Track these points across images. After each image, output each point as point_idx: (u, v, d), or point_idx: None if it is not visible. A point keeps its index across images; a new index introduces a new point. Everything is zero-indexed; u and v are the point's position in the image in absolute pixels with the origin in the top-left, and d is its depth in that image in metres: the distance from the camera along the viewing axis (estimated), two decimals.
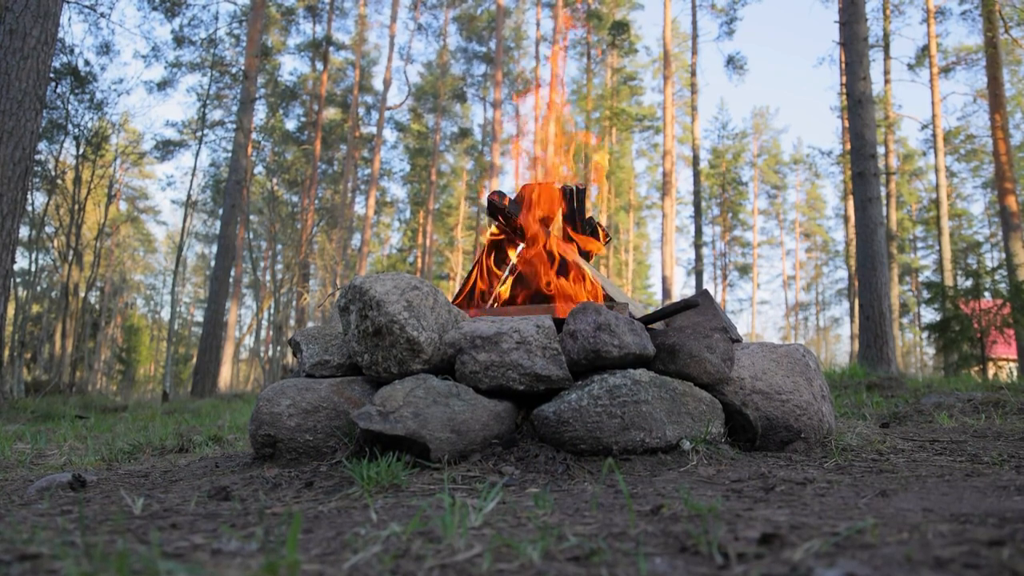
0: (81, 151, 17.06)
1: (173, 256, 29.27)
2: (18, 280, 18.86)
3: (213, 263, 17.51)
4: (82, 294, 19.26)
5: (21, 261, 19.99)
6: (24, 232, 16.37)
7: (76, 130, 16.80)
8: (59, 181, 17.14)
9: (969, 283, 10.85)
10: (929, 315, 26.92)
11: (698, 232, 23.10)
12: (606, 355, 1.98)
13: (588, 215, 3.09)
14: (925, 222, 33.34)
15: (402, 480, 1.61)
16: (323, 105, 26.95)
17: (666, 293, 21.23)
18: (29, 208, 15.60)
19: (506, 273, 3.06)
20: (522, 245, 2.98)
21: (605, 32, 27.36)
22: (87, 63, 17.21)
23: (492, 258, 3.05)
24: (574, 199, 3.01)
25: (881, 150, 23.05)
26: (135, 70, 76.76)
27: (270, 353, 25.80)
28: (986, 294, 10.72)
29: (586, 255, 3.14)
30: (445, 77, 29.44)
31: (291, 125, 27.83)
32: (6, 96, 6.54)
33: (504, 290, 2.99)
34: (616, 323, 2.02)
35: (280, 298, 22.25)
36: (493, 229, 3.08)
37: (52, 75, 10.73)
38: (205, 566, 0.92)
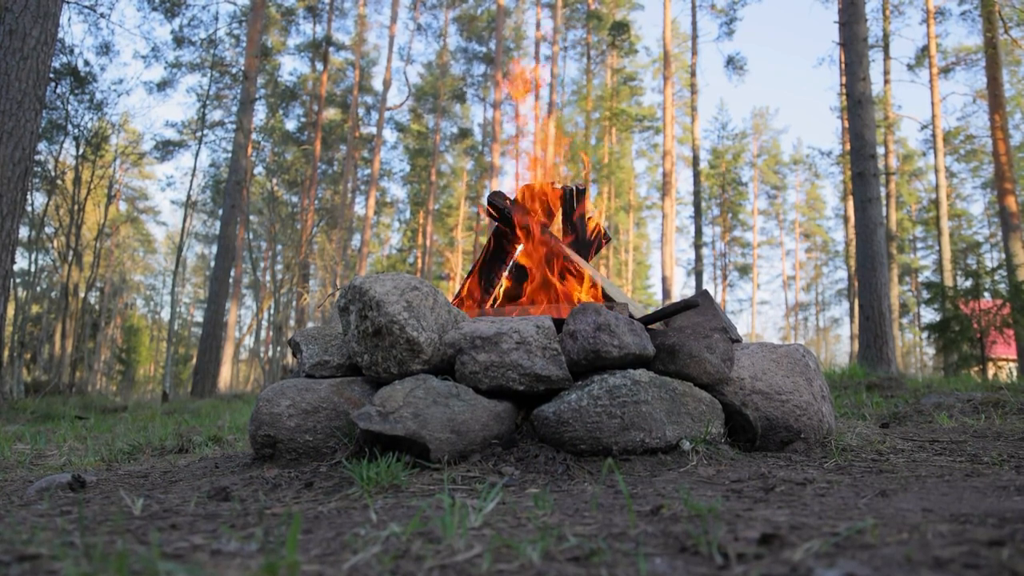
0: (81, 151, 17.06)
1: (173, 256, 29.26)
2: (18, 280, 18.86)
3: (213, 263, 17.51)
4: (82, 294, 19.26)
5: (21, 261, 20.00)
6: (24, 232, 16.37)
7: (76, 130, 16.80)
8: (59, 181, 17.13)
9: (969, 283, 10.86)
10: (929, 315, 26.93)
11: (698, 232, 23.11)
12: (606, 355, 1.98)
13: (588, 215, 3.09)
14: (925, 222, 33.34)
15: (402, 480, 1.61)
16: (323, 105, 26.96)
17: (666, 293, 21.24)
18: (29, 208, 15.60)
19: (506, 273, 3.06)
20: (522, 245, 2.98)
21: (605, 32, 27.37)
22: (87, 63, 17.21)
23: (492, 258, 3.05)
24: (574, 199, 3.01)
25: (881, 150, 23.05)
26: (135, 70, 76.88)
27: (270, 353, 25.80)
28: (986, 294, 10.73)
29: (586, 255, 3.13)
30: (445, 77, 29.44)
31: (291, 125, 27.86)
32: (6, 96, 6.54)
33: (504, 290, 2.99)
34: (616, 323, 2.02)
35: (280, 298, 22.24)
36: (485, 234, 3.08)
37: (52, 75, 10.73)
38: (205, 567, 0.92)
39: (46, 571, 0.91)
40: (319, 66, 27.53)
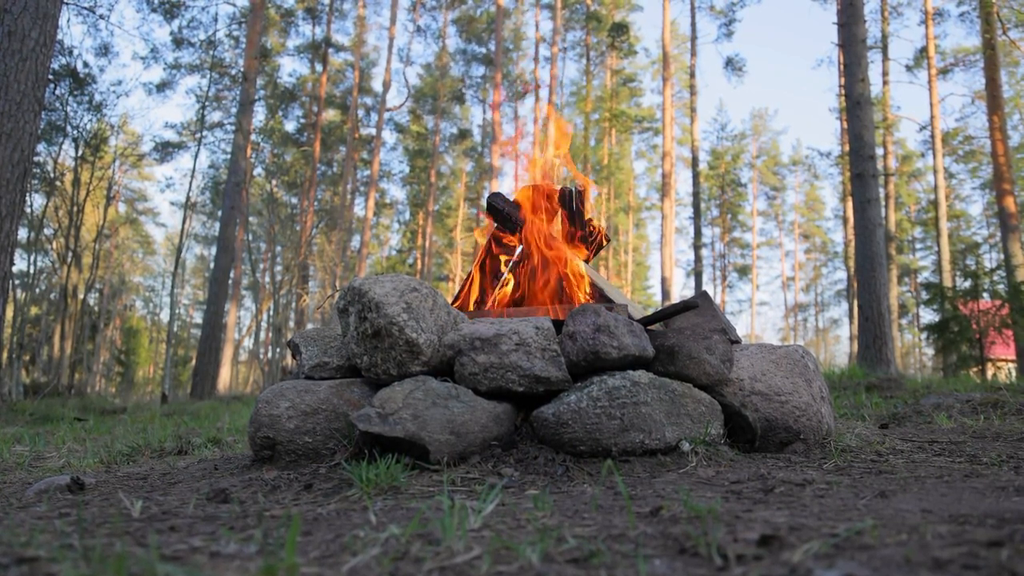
0: (80, 153, 17.05)
1: (172, 258, 29.23)
2: (17, 282, 18.83)
3: (212, 265, 17.50)
4: (81, 296, 19.24)
5: (20, 263, 19.96)
6: (23, 234, 16.35)
7: (75, 132, 16.79)
8: (58, 183, 17.11)
9: (968, 284, 10.87)
10: (928, 316, 26.91)
11: (697, 233, 23.13)
12: (605, 357, 1.98)
13: (587, 216, 3.09)
14: (924, 223, 33.36)
15: (401, 482, 1.61)
16: (322, 107, 26.96)
17: (665, 294, 21.24)
18: (28, 210, 15.57)
19: (505, 275, 3.06)
20: (521, 246, 2.98)
21: (604, 34, 27.39)
22: (86, 65, 17.22)
23: (491, 260, 3.05)
24: (573, 200, 3.02)
25: (880, 151, 23.04)
26: (134, 72, 76.95)
27: (269, 355, 25.79)
28: (985, 295, 10.74)
29: (585, 256, 3.13)
30: (444, 79, 29.45)
31: (290, 127, 27.84)
32: (5, 98, 6.54)
33: (503, 292, 2.99)
34: (615, 325, 2.02)
35: (279, 300, 22.23)
36: (480, 233, 3.08)
37: (51, 77, 10.73)
38: (203, 569, 0.92)
39: (45, 573, 0.90)
40: (318, 67, 27.53)
